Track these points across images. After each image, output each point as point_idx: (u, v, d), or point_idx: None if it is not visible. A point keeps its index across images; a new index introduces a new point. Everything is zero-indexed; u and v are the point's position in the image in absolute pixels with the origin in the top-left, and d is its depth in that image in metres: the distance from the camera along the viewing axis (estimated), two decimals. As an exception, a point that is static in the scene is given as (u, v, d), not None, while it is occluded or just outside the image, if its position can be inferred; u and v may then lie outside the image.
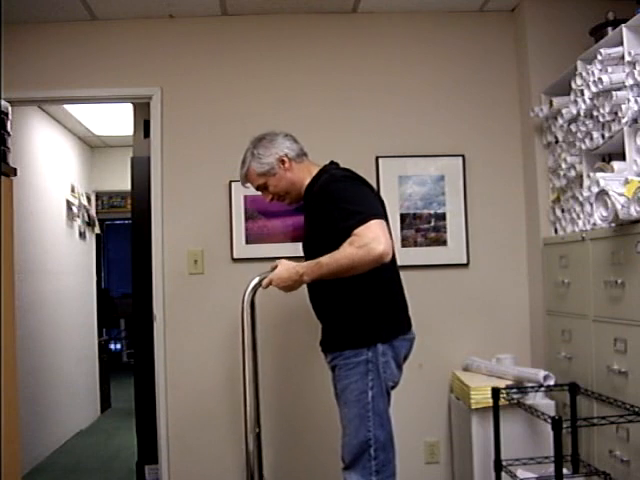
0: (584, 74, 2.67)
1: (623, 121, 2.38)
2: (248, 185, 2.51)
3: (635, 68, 2.33)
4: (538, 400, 2.81)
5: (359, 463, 2.19)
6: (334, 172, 2.36)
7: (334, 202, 2.21)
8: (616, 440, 2.43)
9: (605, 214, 2.36)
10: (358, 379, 2.21)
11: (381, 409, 2.21)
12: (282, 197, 2.48)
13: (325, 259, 2.13)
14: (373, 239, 2.04)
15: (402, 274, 3.22)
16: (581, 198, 2.81)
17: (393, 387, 2.30)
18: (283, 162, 2.40)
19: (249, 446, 2.34)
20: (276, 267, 2.27)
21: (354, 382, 2.21)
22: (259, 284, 2.33)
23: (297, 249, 2.57)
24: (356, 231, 2.07)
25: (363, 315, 2.25)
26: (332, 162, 2.47)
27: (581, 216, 2.82)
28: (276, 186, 2.43)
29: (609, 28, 2.69)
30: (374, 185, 3.25)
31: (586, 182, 2.73)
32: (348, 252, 2.07)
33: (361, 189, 2.28)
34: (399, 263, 3.21)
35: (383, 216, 2.20)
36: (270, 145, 2.42)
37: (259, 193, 2.53)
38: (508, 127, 3.37)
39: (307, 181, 2.41)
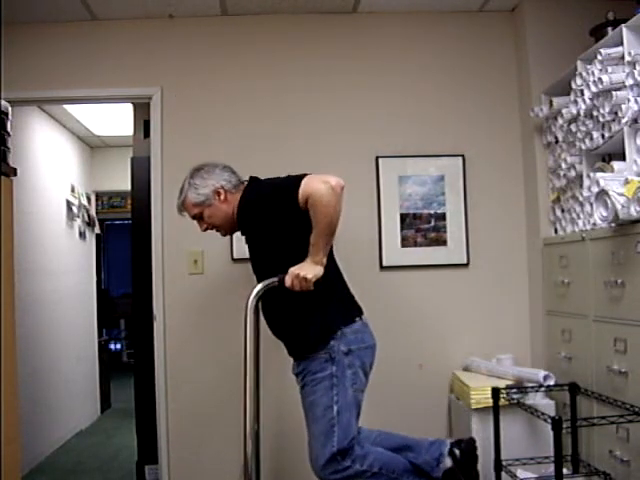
0: (584, 74, 2.67)
1: (623, 121, 2.38)
2: (185, 214, 2.55)
3: (635, 68, 2.33)
4: (538, 400, 2.81)
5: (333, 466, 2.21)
6: (248, 192, 2.42)
7: (266, 199, 2.30)
8: (616, 440, 2.43)
9: (605, 214, 2.36)
10: (322, 394, 2.23)
11: (345, 422, 2.22)
12: (217, 228, 2.52)
13: (312, 236, 2.19)
14: (317, 179, 2.17)
15: (402, 274, 3.28)
16: (581, 198, 2.81)
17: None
18: (219, 194, 2.44)
19: (247, 449, 2.32)
20: (283, 278, 2.25)
21: (319, 397, 2.24)
22: (263, 290, 2.32)
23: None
24: (301, 189, 2.17)
25: (317, 314, 2.28)
26: (251, 178, 2.50)
27: (581, 216, 2.82)
28: (211, 217, 2.47)
29: (609, 28, 2.69)
30: (374, 185, 3.29)
31: (586, 182, 2.73)
32: (318, 201, 2.14)
33: (274, 180, 2.37)
34: (399, 263, 3.27)
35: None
36: (207, 176, 2.45)
37: None
38: (508, 127, 3.37)
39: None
